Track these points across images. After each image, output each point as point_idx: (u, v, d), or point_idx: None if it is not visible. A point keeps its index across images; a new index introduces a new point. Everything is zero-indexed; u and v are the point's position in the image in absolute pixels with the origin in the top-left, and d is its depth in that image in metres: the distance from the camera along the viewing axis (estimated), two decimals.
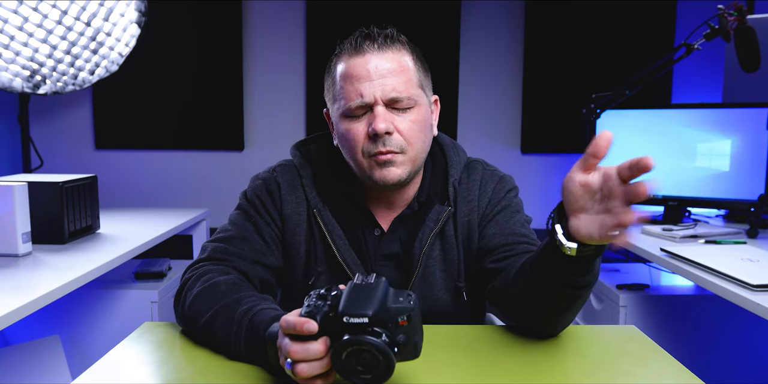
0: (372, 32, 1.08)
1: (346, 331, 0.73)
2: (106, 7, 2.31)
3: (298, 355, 0.75)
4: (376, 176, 1.07)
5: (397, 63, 1.07)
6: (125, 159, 3.08)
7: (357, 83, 1.05)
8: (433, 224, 1.14)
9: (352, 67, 1.06)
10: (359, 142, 1.07)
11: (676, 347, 1.97)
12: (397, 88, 1.05)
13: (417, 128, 1.08)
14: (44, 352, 1.86)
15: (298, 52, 3.05)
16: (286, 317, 0.78)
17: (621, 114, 2.34)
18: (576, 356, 0.95)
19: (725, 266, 1.51)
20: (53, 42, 2.23)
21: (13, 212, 1.59)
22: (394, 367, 0.73)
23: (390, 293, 0.77)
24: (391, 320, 0.74)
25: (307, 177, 1.17)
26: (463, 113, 3.08)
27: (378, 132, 1.03)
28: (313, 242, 1.15)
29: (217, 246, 1.11)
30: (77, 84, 2.34)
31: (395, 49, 1.08)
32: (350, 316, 0.73)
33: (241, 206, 1.18)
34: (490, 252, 1.13)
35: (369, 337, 0.72)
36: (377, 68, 1.05)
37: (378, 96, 1.04)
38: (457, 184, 1.17)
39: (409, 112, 1.07)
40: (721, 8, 2.00)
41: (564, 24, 3.00)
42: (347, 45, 1.08)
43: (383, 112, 1.05)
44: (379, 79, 1.05)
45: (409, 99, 1.06)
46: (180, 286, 1.06)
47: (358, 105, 1.05)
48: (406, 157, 1.07)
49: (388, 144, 1.05)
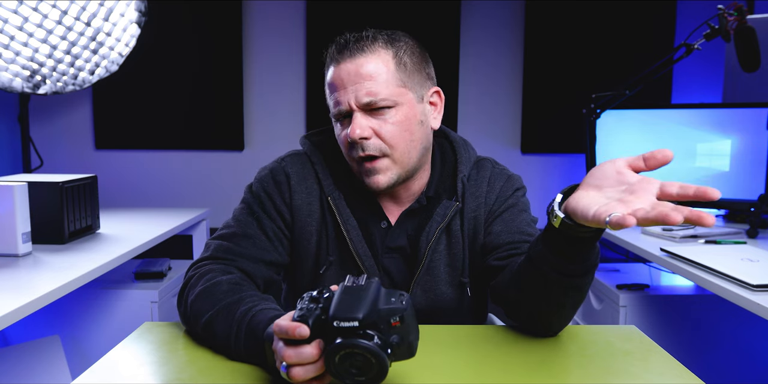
0: (347, 39, 1.10)
1: (338, 335, 0.73)
2: (106, 7, 2.31)
3: (291, 359, 0.76)
4: (366, 182, 1.11)
5: (371, 66, 1.07)
6: (125, 159, 3.08)
7: (335, 92, 1.09)
8: (440, 219, 1.14)
9: (330, 76, 1.10)
10: (345, 147, 1.11)
11: (676, 347, 1.97)
12: (372, 91, 1.06)
13: (399, 129, 1.08)
14: (44, 352, 1.86)
15: (298, 52, 3.05)
16: (279, 322, 0.78)
17: (621, 114, 2.34)
18: (576, 356, 0.95)
19: (725, 266, 1.51)
20: (53, 42, 2.23)
21: (13, 212, 1.59)
22: (387, 369, 0.73)
23: (382, 294, 0.77)
24: (383, 322, 0.74)
25: (319, 164, 1.18)
26: (463, 113, 3.08)
27: (353, 139, 1.06)
28: (326, 231, 1.15)
29: (220, 244, 1.11)
30: (77, 84, 2.34)
31: (369, 52, 1.08)
32: (340, 320, 0.73)
33: (246, 200, 1.18)
34: (495, 249, 1.14)
35: (360, 340, 0.72)
36: (349, 75, 1.07)
37: (352, 103, 1.07)
38: (466, 180, 1.17)
39: (389, 114, 1.08)
40: (721, 8, 2.00)
41: (564, 24, 3.00)
42: (330, 52, 1.11)
43: (359, 118, 1.07)
44: (352, 85, 1.07)
45: (385, 100, 1.06)
46: (183, 285, 1.06)
47: (338, 112, 1.09)
48: (389, 160, 1.09)
49: (367, 149, 1.07)
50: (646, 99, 2.74)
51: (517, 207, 1.18)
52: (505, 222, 1.16)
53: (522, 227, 1.15)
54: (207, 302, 0.98)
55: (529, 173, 3.11)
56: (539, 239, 0.93)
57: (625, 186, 0.78)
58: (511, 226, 1.15)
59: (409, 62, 1.10)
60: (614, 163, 0.81)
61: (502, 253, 1.12)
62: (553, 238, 0.89)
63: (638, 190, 0.75)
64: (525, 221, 1.17)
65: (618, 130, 2.35)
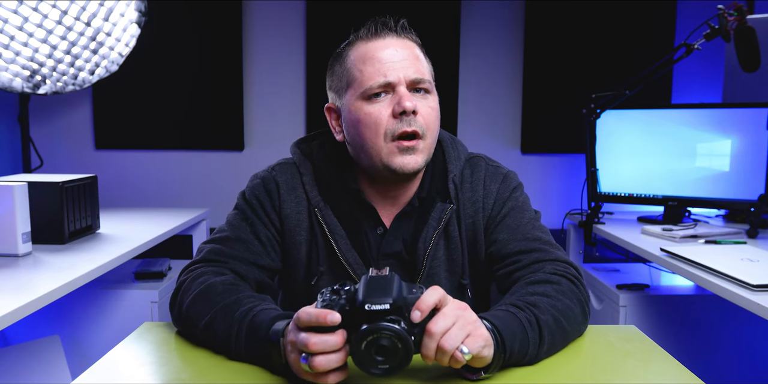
0: (387, 20, 1.10)
1: (364, 322, 0.74)
2: (106, 7, 2.31)
3: (317, 346, 0.75)
4: (396, 163, 1.07)
5: (417, 49, 1.10)
6: (125, 159, 3.08)
7: (378, 64, 1.06)
8: (436, 223, 1.13)
9: (372, 49, 1.07)
10: (381, 125, 1.05)
11: (676, 347, 1.97)
12: (420, 70, 1.07)
13: (434, 114, 1.09)
14: (44, 352, 1.86)
15: (298, 52, 3.05)
16: (306, 309, 0.78)
17: (621, 114, 2.34)
18: (576, 356, 0.95)
19: (725, 266, 1.51)
20: (53, 42, 2.23)
21: (13, 212, 1.59)
22: (412, 355, 0.74)
23: (403, 285, 0.79)
24: (407, 310, 0.76)
25: (307, 174, 1.17)
26: (463, 113, 3.08)
27: (406, 109, 1.04)
28: (315, 241, 1.15)
29: (213, 247, 1.11)
30: (77, 84, 2.34)
31: (410, 39, 1.11)
32: (372, 303, 0.74)
33: (239, 206, 1.18)
34: (502, 259, 1.12)
35: (388, 324, 0.74)
36: (397, 51, 1.07)
37: (401, 76, 1.05)
38: (457, 180, 1.16)
39: (428, 98, 1.09)
40: (721, 8, 2.00)
41: (564, 24, 3.00)
42: (363, 32, 1.10)
43: (408, 92, 1.06)
44: (401, 61, 1.06)
45: (429, 82, 1.09)
46: (176, 289, 1.05)
47: (381, 84, 1.05)
48: (425, 143, 1.08)
49: (414, 124, 1.05)
50: (646, 99, 2.74)
51: (516, 209, 1.16)
52: (509, 229, 1.14)
53: (527, 232, 1.13)
54: (204, 304, 0.97)
55: (529, 173, 3.11)
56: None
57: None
58: (516, 233, 1.13)
59: (429, 61, 1.14)
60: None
61: (508, 266, 1.10)
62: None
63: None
64: (529, 223, 1.15)
65: (618, 130, 2.35)
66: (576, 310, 0.98)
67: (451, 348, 0.76)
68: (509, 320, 0.88)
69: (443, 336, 0.76)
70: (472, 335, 0.78)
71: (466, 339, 0.78)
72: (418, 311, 0.76)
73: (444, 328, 0.77)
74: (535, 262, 1.07)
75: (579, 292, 1.01)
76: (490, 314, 0.89)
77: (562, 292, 0.98)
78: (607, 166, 2.34)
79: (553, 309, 0.93)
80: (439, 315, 0.78)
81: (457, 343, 0.76)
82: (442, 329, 0.76)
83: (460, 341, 0.77)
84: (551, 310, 0.93)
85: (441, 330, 0.76)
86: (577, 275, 1.05)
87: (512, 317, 0.89)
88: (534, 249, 1.10)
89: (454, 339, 0.76)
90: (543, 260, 1.07)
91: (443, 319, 0.77)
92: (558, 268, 1.05)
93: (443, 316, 0.78)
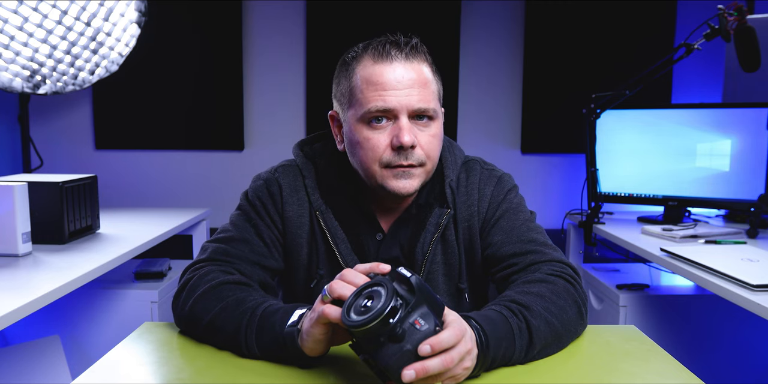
0: (398, 40, 1.06)
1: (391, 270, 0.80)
2: (106, 7, 2.31)
3: (348, 275, 0.82)
4: (390, 186, 1.06)
5: (421, 74, 1.06)
6: (125, 159, 3.08)
7: (382, 91, 1.03)
8: (434, 229, 1.13)
9: (378, 73, 1.04)
10: (378, 153, 1.05)
11: (676, 347, 1.97)
12: (425, 98, 1.04)
13: (436, 142, 1.08)
14: (44, 352, 1.86)
15: (298, 52, 3.05)
16: (358, 265, 0.85)
17: (621, 114, 2.34)
18: (576, 356, 0.95)
19: (725, 266, 1.51)
20: (53, 42, 2.23)
21: (13, 212, 1.59)
22: (383, 313, 0.72)
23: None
24: (427, 302, 0.77)
25: (309, 177, 1.16)
26: (463, 113, 3.08)
27: (404, 145, 1.02)
28: (315, 244, 1.15)
29: (218, 247, 1.11)
30: (77, 84, 2.34)
31: (419, 60, 1.07)
32: (405, 269, 0.77)
33: (242, 207, 1.18)
34: (498, 262, 1.12)
35: (395, 285, 0.76)
36: (404, 78, 1.03)
37: (404, 106, 1.03)
38: (454, 185, 1.16)
39: (430, 126, 1.07)
40: (721, 8, 2.00)
41: (564, 24, 3.00)
42: (371, 49, 1.06)
43: (409, 125, 1.04)
44: (405, 88, 1.03)
45: (434, 111, 1.06)
46: (180, 287, 1.05)
47: (381, 109, 1.03)
48: (423, 170, 1.07)
49: (411, 158, 1.05)
50: (646, 99, 2.74)
51: (511, 210, 1.16)
52: (504, 231, 1.13)
53: (522, 234, 1.13)
54: (213, 300, 0.97)
55: (529, 173, 3.11)
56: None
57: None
58: (512, 235, 1.13)
59: (438, 77, 1.11)
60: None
61: (505, 270, 1.10)
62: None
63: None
64: (524, 225, 1.14)
65: (618, 130, 2.36)
66: (571, 312, 0.98)
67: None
68: (499, 325, 0.88)
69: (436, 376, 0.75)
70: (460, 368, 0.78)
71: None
72: (428, 346, 0.73)
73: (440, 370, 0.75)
74: (532, 264, 1.07)
75: (575, 292, 1.01)
76: (482, 316, 0.89)
77: (558, 293, 0.98)
78: (607, 166, 2.34)
79: (547, 312, 0.93)
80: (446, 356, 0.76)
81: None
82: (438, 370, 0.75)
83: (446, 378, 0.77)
84: (544, 313, 0.93)
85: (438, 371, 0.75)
86: (574, 275, 1.05)
87: (504, 322, 0.89)
88: (530, 251, 1.10)
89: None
90: (539, 261, 1.07)
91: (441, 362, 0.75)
92: (555, 268, 1.05)
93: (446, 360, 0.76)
